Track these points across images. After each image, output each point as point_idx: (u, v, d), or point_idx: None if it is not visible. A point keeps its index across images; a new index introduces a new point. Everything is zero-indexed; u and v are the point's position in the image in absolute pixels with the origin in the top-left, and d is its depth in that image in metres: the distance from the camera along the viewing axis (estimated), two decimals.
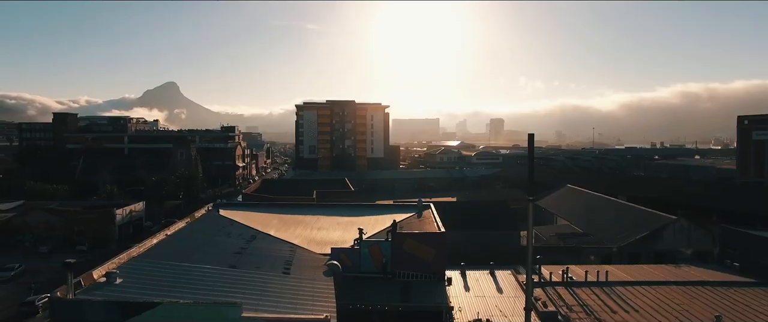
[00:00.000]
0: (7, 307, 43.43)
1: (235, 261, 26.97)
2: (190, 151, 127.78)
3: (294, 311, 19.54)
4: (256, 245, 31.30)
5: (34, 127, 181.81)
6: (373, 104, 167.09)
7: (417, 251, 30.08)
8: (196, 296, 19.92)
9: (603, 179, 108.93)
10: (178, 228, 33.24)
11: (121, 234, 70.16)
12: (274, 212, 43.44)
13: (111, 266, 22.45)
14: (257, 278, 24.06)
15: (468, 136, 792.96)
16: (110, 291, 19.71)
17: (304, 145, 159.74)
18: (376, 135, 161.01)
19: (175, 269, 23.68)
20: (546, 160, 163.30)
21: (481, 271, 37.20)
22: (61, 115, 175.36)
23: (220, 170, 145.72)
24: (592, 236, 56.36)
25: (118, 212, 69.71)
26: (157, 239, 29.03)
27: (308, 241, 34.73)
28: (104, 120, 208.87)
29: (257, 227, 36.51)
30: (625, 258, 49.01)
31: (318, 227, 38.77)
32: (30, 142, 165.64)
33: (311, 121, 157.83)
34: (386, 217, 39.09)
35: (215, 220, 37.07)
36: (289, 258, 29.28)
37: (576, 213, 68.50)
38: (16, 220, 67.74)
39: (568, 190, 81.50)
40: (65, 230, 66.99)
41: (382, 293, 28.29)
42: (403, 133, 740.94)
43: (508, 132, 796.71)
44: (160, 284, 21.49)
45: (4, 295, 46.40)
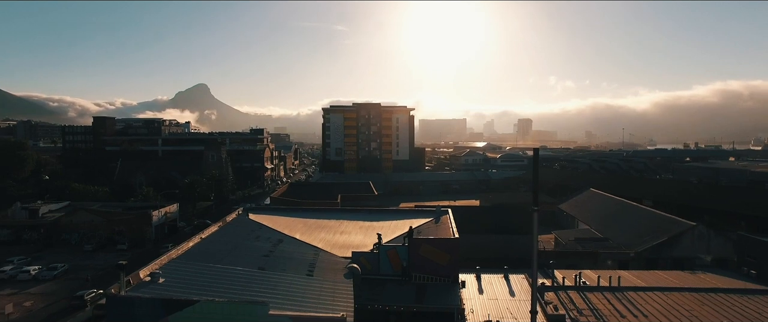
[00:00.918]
0: (60, 299, 47.34)
1: (264, 263, 29.39)
2: (220, 153, 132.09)
3: (315, 310, 21.74)
4: (282, 248, 33.67)
5: (76, 130, 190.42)
6: (398, 107, 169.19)
7: (432, 255, 31.89)
8: (229, 295, 22.32)
9: (628, 183, 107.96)
10: (212, 231, 35.91)
11: (157, 234, 74.11)
12: (299, 216, 45.81)
13: (154, 267, 25.11)
14: (283, 280, 26.37)
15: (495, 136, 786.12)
16: (155, 289, 22.30)
17: (331, 147, 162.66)
18: (401, 137, 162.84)
19: (210, 270, 26.21)
20: (571, 162, 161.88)
21: (495, 274, 38.77)
22: (100, 119, 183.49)
23: (249, 171, 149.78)
24: (610, 240, 56.90)
25: (155, 213, 73.64)
26: (193, 242, 31.69)
27: (331, 245, 36.87)
28: (139, 122, 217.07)
29: (284, 230, 38.89)
30: (643, 264, 49.41)
31: (341, 231, 40.94)
32: (72, 145, 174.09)
33: (337, 124, 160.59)
34: (406, 222, 41.10)
35: (245, 224, 39.67)
36: (313, 261, 31.53)
37: (596, 217, 68.83)
38: (64, 220, 72.51)
39: (591, 194, 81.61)
40: (107, 229, 71.29)
41: (399, 295, 30.25)
42: (429, 134, 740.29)
43: (537, 132, 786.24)
44: (197, 283, 24.01)
45: (57, 289, 50.43)
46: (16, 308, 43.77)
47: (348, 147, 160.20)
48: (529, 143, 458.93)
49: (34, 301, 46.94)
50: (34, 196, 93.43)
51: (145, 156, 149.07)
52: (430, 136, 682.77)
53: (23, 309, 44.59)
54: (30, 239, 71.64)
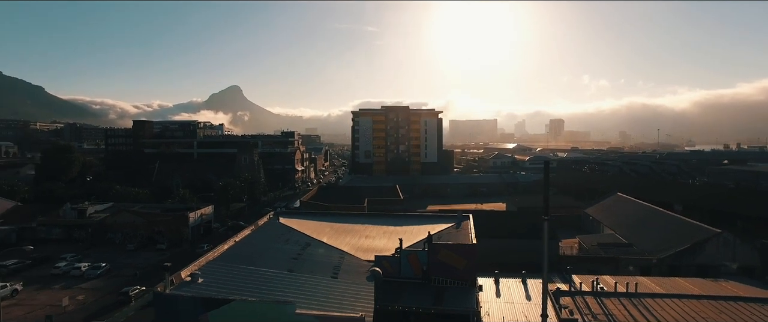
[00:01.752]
0: (107, 294, 51.18)
1: (292, 266, 31.67)
2: (252, 156, 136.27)
3: (338, 311, 23.81)
4: (310, 252, 35.91)
5: (117, 132, 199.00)
6: (426, 110, 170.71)
7: (450, 260, 33.54)
8: (260, 294, 24.62)
9: (659, 187, 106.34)
10: (245, 235, 38.50)
11: (193, 234, 77.93)
12: (327, 220, 48.05)
13: (194, 268, 27.70)
14: (310, 281, 28.57)
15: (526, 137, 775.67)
16: (194, 288, 24.81)
17: (360, 150, 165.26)
18: (429, 140, 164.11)
19: (243, 271, 28.64)
20: (600, 164, 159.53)
21: (514, 279, 40.12)
22: (139, 122, 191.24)
23: (281, 173, 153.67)
24: (634, 246, 57.07)
25: (191, 214, 77.51)
26: (228, 245, 34.26)
27: (356, 248, 38.92)
28: (176, 125, 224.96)
29: (312, 234, 41.13)
30: (665, 270, 49.55)
31: (365, 235, 42.96)
32: (114, 147, 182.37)
33: (366, 127, 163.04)
34: (428, 227, 42.76)
35: (276, 227, 42.15)
36: (338, 264, 33.64)
37: (622, 222, 68.81)
38: (109, 220, 77.22)
39: (617, 198, 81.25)
40: (147, 230, 75.50)
41: (418, 297, 32.04)
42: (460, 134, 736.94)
43: (569, 133, 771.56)
44: (232, 283, 26.43)
45: (104, 285, 54.42)
46: (71, 302, 47.71)
47: (377, 150, 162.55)
48: (561, 144, 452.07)
49: (86, 295, 50.91)
50: (81, 197, 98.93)
51: (182, 158, 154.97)
52: (461, 137, 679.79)
53: (77, 302, 48.54)
54: (79, 238, 76.61)
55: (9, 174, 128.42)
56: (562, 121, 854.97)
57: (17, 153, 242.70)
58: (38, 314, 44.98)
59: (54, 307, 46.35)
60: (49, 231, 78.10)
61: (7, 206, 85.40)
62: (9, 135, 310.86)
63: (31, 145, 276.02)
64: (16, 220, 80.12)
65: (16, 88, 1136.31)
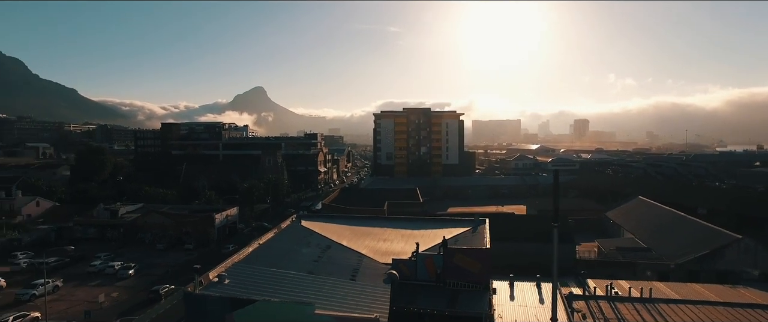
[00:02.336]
0: (139, 292, 53.93)
1: (313, 268, 33.23)
2: (276, 157, 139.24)
3: (354, 312, 25.18)
4: (330, 254, 37.43)
5: (146, 134, 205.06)
6: (448, 112, 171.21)
7: (465, 264, 34.60)
8: (282, 295, 26.18)
9: (684, 190, 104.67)
10: (268, 237, 40.26)
11: (219, 235, 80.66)
12: (347, 223, 49.48)
13: (221, 269, 29.50)
14: (329, 283, 30.04)
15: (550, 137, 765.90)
16: (222, 289, 26.52)
17: (382, 151, 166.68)
18: (450, 142, 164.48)
19: (266, 273, 30.29)
20: (624, 166, 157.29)
21: (528, 282, 40.94)
22: (167, 125, 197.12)
23: (304, 174, 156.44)
24: (653, 251, 57.05)
25: (217, 216, 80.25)
26: (252, 248, 36.05)
27: (374, 251, 40.24)
28: (201, 126, 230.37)
29: (332, 237, 42.63)
30: (684, 276, 49.41)
31: (384, 238, 44.26)
32: (143, 148, 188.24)
33: (388, 129, 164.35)
34: (445, 231, 43.88)
35: (298, 230, 43.79)
36: (356, 266, 35.07)
37: (642, 227, 68.57)
38: (140, 221, 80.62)
39: (639, 202, 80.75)
40: (175, 230, 78.52)
41: (434, 299, 33.23)
42: (483, 135, 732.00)
43: (594, 133, 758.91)
44: (256, 285, 28.08)
45: (136, 283, 57.31)
46: (106, 298, 50.50)
47: (398, 152, 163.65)
48: (585, 145, 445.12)
49: (119, 293, 53.76)
50: (113, 197, 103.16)
51: (208, 160, 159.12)
52: (484, 138, 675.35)
53: (111, 299, 51.39)
54: (112, 237, 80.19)
55: (47, 175, 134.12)
56: (586, 121, 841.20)
57: (53, 154, 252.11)
58: (77, 309, 47.82)
59: (91, 303, 49.17)
60: (84, 230, 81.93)
61: (46, 206, 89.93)
62: (45, 136, 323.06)
63: (65, 146, 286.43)
64: (54, 219, 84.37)
65: (51, 91, 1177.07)
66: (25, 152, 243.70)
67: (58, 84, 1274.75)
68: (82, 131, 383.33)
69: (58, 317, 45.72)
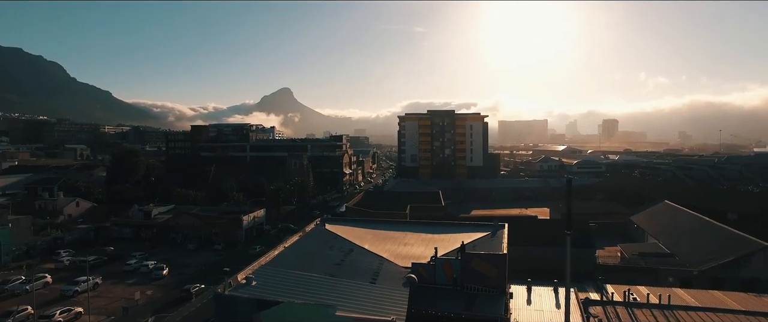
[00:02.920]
0: (172, 291, 56.71)
1: (335, 271, 34.77)
2: (302, 160, 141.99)
3: (373, 314, 26.59)
4: (352, 258, 38.91)
5: (176, 136, 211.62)
6: (472, 114, 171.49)
7: (482, 268, 35.59)
8: (305, 297, 27.78)
9: (714, 194, 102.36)
10: (294, 241, 42.04)
11: (246, 236, 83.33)
12: (370, 227, 50.89)
13: (249, 272, 31.32)
14: (350, 286, 31.52)
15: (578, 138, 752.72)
16: (249, 291, 28.30)
17: (406, 153, 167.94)
18: (475, 144, 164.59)
19: (291, 275, 31.99)
20: (652, 169, 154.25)
21: (546, 287, 41.60)
22: (196, 127, 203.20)
23: (329, 176, 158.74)
24: (676, 257, 56.67)
25: (245, 218, 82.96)
26: (278, 251, 37.83)
27: (395, 255, 41.53)
28: (229, 128, 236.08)
29: (355, 240, 44.11)
30: (707, 283, 48.93)
31: (405, 242, 45.51)
32: (173, 150, 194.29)
33: (412, 131, 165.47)
34: (464, 235, 44.84)
35: (322, 234, 45.48)
36: (377, 270, 36.45)
37: (667, 232, 67.92)
38: (171, 222, 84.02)
39: (665, 206, 79.76)
40: (205, 232, 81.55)
41: (451, 303, 34.35)
42: (509, 136, 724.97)
43: (623, 133, 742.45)
44: (281, 286, 29.78)
45: (169, 282, 60.23)
46: (141, 296, 53.34)
47: (423, 154, 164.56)
48: (614, 146, 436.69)
49: (154, 291, 56.59)
50: (146, 198, 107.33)
51: (235, 162, 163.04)
52: (510, 139, 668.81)
53: (146, 297, 54.20)
54: (145, 237, 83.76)
55: (84, 176, 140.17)
56: (615, 121, 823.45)
57: (90, 155, 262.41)
58: (115, 305, 50.77)
59: (128, 300, 52.06)
60: (120, 230, 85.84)
61: (85, 206, 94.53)
62: (82, 138, 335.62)
63: (101, 147, 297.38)
64: (93, 219, 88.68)
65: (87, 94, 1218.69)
66: (64, 153, 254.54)
67: (93, 87, 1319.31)
68: (116, 133, 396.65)
69: (98, 312, 48.60)
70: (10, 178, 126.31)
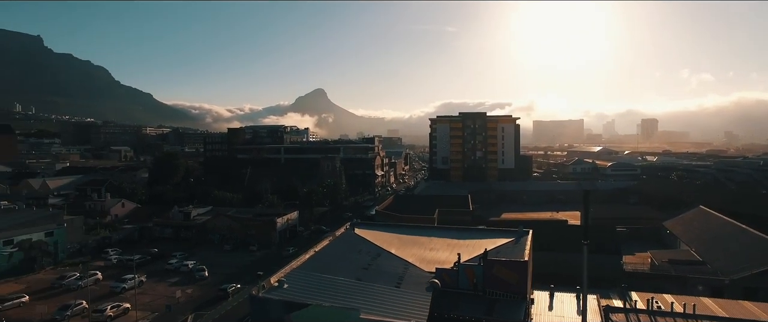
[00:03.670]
0: (210, 290, 59.87)
1: (362, 275, 36.56)
2: (334, 162, 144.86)
3: (396, 317, 28.25)
4: (378, 262, 40.62)
5: (214, 139, 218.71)
6: (503, 116, 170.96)
7: (503, 274, 36.72)
8: (332, 300, 29.69)
9: (755, 199, 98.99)
10: (324, 245, 44.12)
11: (280, 238, 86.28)
12: (397, 231, 52.52)
13: (281, 275, 33.51)
14: (375, 290, 33.27)
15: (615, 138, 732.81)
16: (281, 293, 30.43)
17: (438, 156, 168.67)
18: (506, 146, 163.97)
19: (320, 279, 34.00)
20: (690, 172, 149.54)
21: (569, 293, 42.25)
22: (233, 130, 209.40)
23: (361, 178, 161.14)
24: (707, 265, 55.86)
25: (279, 220, 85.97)
26: (309, 255, 39.94)
27: (420, 260, 43.03)
28: (264, 130, 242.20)
29: (382, 245, 45.81)
30: (738, 293, 48.00)
31: (430, 247, 46.94)
32: (211, 152, 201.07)
33: (444, 134, 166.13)
34: (489, 241, 46.01)
35: (351, 238, 47.41)
36: (402, 274, 38.06)
37: (700, 238, 66.74)
38: (209, 224, 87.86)
39: (699, 212, 78.11)
40: (241, 233, 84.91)
41: (473, 307, 35.65)
42: (544, 136, 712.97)
43: (663, 133, 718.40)
44: (310, 289, 31.80)
45: (207, 282, 63.21)
46: (182, 294, 56.69)
47: (454, 156, 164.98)
48: (653, 146, 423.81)
49: (193, 289, 59.92)
50: (185, 200, 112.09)
51: (270, 163, 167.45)
52: (545, 139, 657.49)
53: (186, 295, 57.51)
54: (185, 237, 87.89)
55: (128, 177, 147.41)
56: (655, 120, 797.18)
57: (133, 156, 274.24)
58: (159, 302, 54.19)
59: (170, 298, 55.38)
60: (162, 230, 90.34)
61: (130, 207, 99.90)
62: (126, 139, 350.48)
63: (143, 148, 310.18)
64: (137, 220, 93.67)
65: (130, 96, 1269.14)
66: (109, 155, 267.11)
67: (136, 89, 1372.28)
68: (157, 134, 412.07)
69: (143, 309, 52.04)
70: (64, 179, 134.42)
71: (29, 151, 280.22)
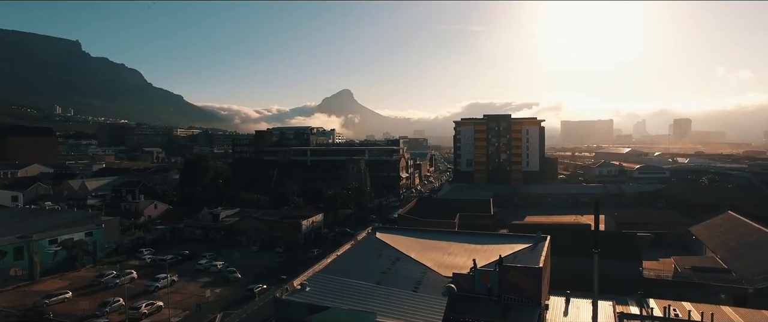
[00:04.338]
0: (238, 289, 62.34)
1: (381, 279, 38.05)
2: (359, 165, 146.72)
3: (410, 320, 29.70)
4: (398, 266, 42.02)
5: (242, 140, 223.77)
6: (528, 118, 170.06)
7: (518, 280, 37.68)
8: (351, 303, 31.24)
9: None
10: (346, 249, 45.76)
11: (305, 240, 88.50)
12: (418, 236, 53.80)
13: (303, 278, 35.30)
14: (393, 293, 34.71)
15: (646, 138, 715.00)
16: (303, 296, 32.18)
17: (462, 158, 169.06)
18: (531, 148, 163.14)
19: (341, 282, 35.65)
20: (722, 175, 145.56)
21: (585, 300, 42.77)
22: (260, 132, 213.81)
23: (386, 180, 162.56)
24: (732, 273, 55.26)
25: (304, 222, 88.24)
26: (331, 259, 41.66)
27: (439, 264, 44.25)
28: (291, 132, 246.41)
29: (402, 249, 47.19)
30: (764, 302, 47.29)
31: (449, 252, 48.08)
32: (239, 154, 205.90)
33: (468, 136, 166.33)
34: (506, 247, 46.94)
35: (372, 242, 48.91)
36: (420, 279, 39.39)
37: (726, 245, 65.77)
38: (237, 225, 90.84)
39: (728, 217, 76.69)
40: (267, 235, 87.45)
41: (488, 311, 36.74)
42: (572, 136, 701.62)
43: (697, 133, 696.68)
44: (331, 293, 33.46)
45: (240, 284, 65.35)
46: (211, 293, 59.31)
47: (478, 158, 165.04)
48: (686, 147, 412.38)
49: (222, 289, 62.50)
50: (214, 201, 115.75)
51: (296, 166, 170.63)
52: (573, 140, 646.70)
53: (216, 294, 60.11)
54: (214, 238, 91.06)
55: (160, 178, 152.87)
56: (688, 120, 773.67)
57: (164, 157, 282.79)
58: (190, 301, 56.88)
59: (200, 297, 58.01)
60: (192, 231, 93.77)
61: (162, 208, 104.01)
62: (158, 141, 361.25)
63: (174, 149, 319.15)
64: (169, 220, 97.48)
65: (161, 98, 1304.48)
66: (142, 156, 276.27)
67: (167, 91, 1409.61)
68: (187, 136, 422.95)
69: (175, 307, 54.78)
70: (100, 180, 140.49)
71: (68, 152, 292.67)
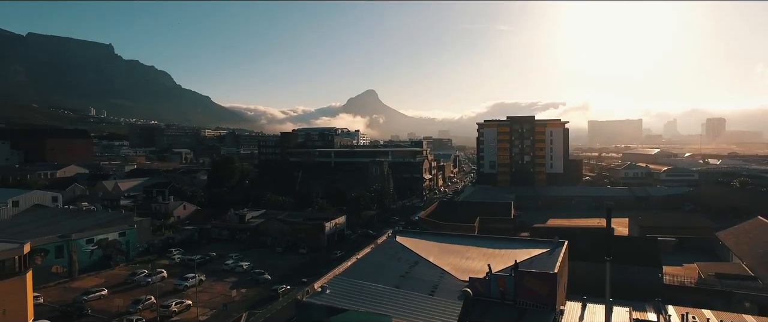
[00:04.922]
0: (262, 290, 64.44)
1: (399, 282, 39.26)
2: (383, 167, 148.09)
3: None
4: (416, 270, 43.15)
5: (268, 142, 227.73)
6: (552, 120, 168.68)
7: (533, 285, 38.37)
8: (368, 306, 32.56)
9: None
10: (366, 253, 47.12)
11: (328, 241, 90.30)
12: (437, 240, 54.75)
13: (324, 281, 36.82)
14: (410, 297, 35.91)
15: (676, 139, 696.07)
16: (323, 298, 33.69)
17: (485, 160, 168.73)
18: (554, 150, 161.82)
19: (360, 285, 37.02)
20: (755, 178, 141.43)
21: (600, 305, 43.09)
22: (285, 134, 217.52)
23: (409, 182, 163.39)
24: (759, 281, 54.40)
25: (327, 224, 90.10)
26: (351, 262, 43.09)
27: (456, 268, 45.16)
28: (316, 133, 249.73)
29: (421, 253, 48.26)
30: None
31: (467, 256, 48.91)
32: (265, 155, 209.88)
33: (491, 138, 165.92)
34: (524, 251, 47.57)
35: (391, 246, 50.11)
36: (437, 282, 40.44)
37: (754, 252, 64.55)
38: (262, 226, 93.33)
39: (757, 223, 75.08)
40: (291, 236, 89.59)
41: (503, 316, 37.53)
42: (600, 136, 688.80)
43: (732, 133, 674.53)
44: (350, 295, 34.87)
45: (266, 285, 67.37)
46: (237, 293, 61.57)
47: (501, 160, 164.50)
48: (719, 148, 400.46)
49: (247, 289, 64.71)
50: (241, 202, 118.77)
51: (321, 167, 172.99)
52: (600, 140, 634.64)
53: (241, 294, 62.33)
54: (240, 239, 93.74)
55: (189, 179, 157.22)
56: (722, 120, 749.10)
57: (193, 158, 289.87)
58: (217, 300, 59.24)
59: (226, 297, 60.30)
60: (219, 232, 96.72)
61: (191, 209, 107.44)
62: (186, 142, 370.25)
63: (202, 150, 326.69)
64: (197, 221, 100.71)
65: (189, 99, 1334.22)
66: (171, 157, 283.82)
67: (195, 92, 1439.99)
68: (215, 136, 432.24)
69: (203, 306, 57.13)
70: (132, 181, 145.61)
71: (102, 152, 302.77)
